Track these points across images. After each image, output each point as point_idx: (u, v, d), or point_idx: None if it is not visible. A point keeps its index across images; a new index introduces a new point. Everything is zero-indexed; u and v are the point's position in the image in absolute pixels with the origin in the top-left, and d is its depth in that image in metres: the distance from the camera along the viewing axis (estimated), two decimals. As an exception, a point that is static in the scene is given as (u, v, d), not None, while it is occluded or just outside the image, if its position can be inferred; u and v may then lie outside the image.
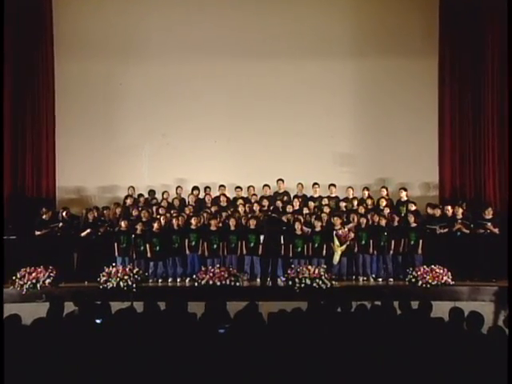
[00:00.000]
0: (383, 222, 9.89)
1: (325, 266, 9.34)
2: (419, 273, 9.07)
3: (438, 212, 10.13)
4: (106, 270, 9.17)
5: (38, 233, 9.88)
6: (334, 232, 9.80)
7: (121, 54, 11.95)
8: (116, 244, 9.89)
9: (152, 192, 11.38)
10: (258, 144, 11.92)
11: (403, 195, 10.87)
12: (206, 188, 11.38)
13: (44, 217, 10.06)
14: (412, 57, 11.84)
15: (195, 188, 11.31)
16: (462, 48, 11.47)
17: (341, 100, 12.08)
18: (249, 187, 11.32)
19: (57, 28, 11.78)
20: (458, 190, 11.42)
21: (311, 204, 10.76)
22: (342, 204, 10.75)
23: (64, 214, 10.19)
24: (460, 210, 9.90)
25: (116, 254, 9.88)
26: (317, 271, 9.03)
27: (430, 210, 10.36)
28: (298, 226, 9.84)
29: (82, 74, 11.89)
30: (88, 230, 9.96)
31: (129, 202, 10.98)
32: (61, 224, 9.97)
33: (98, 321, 5.27)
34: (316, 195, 11.13)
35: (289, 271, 9.18)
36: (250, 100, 12.03)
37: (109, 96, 12.08)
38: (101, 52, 11.87)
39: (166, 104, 12.09)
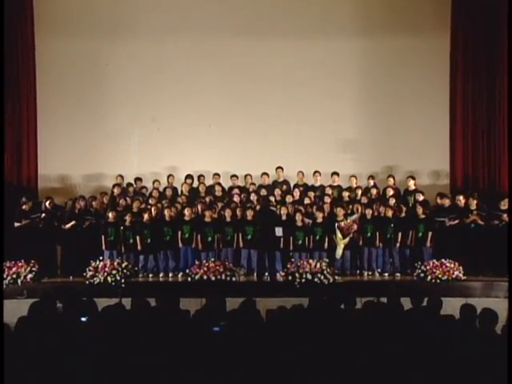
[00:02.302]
0: (390, 213, 9.86)
1: (327, 260, 9.34)
2: (428, 267, 9.07)
3: (446, 202, 10.11)
4: (93, 264, 9.15)
5: (17, 224, 9.83)
6: (337, 224, 9.77)
7: (108, 32, 11.84)
8: (103, 236, 9.88)
9: (139, 180, 11.30)
10: (255, 129, 11.89)
11: (411, 184, 10.86)
12: (200, 176, 11.35)
13: (24, 207, 10.01)
14: (421, 36, 11.76)
15: (188, 176, 11.29)
16: (476, 26, 11.38)
17: (345, 82, 12.03)
18: (246, 176, 11.34)
19: (37, 3, 11.64)
20: (470, 178, 11.41)
21: (312, 194, 10.75)
22: (345, 194, 10.73)
23: (47, 203, 10.14)
24: (474, 202, 9.87)
25: (103, 247, 9.87)
26: (318, 265, 9.02)
27: (439, 200, 10.36)
28: (298, 217, 9.84)
29: (66, 54, 11.80)
30: (73, 222, 9.91)
31: (116, 191, 10.92)
32: (43, 215, 9.91)
33: (83, 319, 5.24)
34: (317, 184, 11.14)
35: (288, 265, 9.16)
36: (248, 82, 11.98)
37: (95, 77, 11.99)
38: (86, 29, 11.76)
39: (157, 86, 12.02)
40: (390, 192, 10.64)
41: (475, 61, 11.41)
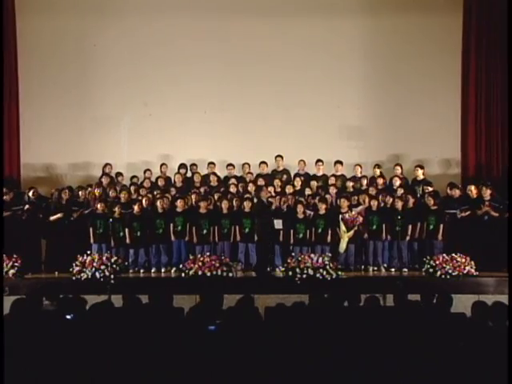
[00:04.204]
0: (399, 205, 9.85)
1: (330, 255, 9.34)
2: (438, 262, 9.04)
3: (457, 193, 10.10)
4: (80, 258, 9.12)
5: (-3, 216, 9.81)
6: (340, 216, 9.76)
7: (95, 10, 11.77)
8: (91, 229, 9.85)
9: (135, 178, 11.26)
10: (253, 115, 11.88)
11: (419, 174, 10.87)
12: (194, 165, 11.34)
13: (5, 198, 9.96)
14: (432, 15, 11.71)
15: (182, 166, 11.30)
16: (490, 3, 11.28)
17: (349, 64, 12.00)
18: (243, 165, 11.33)
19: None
20: (483, 167, 11.39)
21: (314, 184, 10.76)
22: (350, 184, 10.73)
23: (31, 194, 10.12)
24: (488, 191, 9.84)
25: (91, 240, 9.84)
26: (320, 260, 9.01)
27: (449, 191, 10.35)
28: (299, 208, 9.82)
29: (50, 33, 11.74)
30: (59, 215, 9.89)
31: (104, 181, 10.90)
32: (27, 206, 9.89)
33: (68, 316, 5.24)
34: (320, 173, 11.15)
35: (289, 260, 9.16)
36: (246, 64, 11.95)
37: (81, 59, 11.95)
38: (71, 7, 11.72)
39: (149, 69, 11.99)
40: (397, 182, 10.63)
41: (489, 40, 11.32)
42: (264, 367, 4.17)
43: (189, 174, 11.28)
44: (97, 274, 8.91)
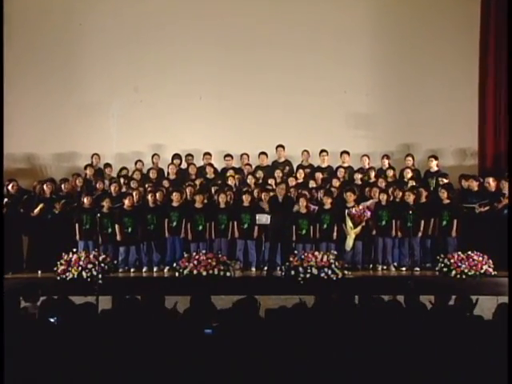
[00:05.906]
0: (411, 199, 9.82)
1: (335, 252, 9.34)
2: (452, 260, 9.05)
3: (474, 185, 10.06)
4: (65, 257, 9.13)
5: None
6: (347, 211, 9.75)
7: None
8: (77, 225, 9.86)
9: (125, 169, 11.23)
10: (253, 102, 11.90)
11: (433, 165, 10.88)
12: (189, 156, 11.33)
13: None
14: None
15: (176, 156, 11.31)
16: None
17: (356, 46, 11.99)
18: (242, 155, 11.34)
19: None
20: (502, 157, 11.32)
21: (319, 176, 10.75)
22: (357, 176, 10.72)
23: (10, 187, 10.10)
24: (506, 184, 9.81)
25: (77, 237, 9.86)
26: (325, 258, 9.02)
27: (464, 183, 10.32)
28: (302, 202, 9.80)
29: (33, 12, 11.74)
30: (41, 205, 9.88)
31: (89, 172, 10.93)
32: (6, 200, 9.86)
33: (52, 320, 5.21)
34: (324, 165, 11.16)
35: (291, 258, 9.14)
36: (245, 47, 11.96)
37: (66, 40, 11.95)
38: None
39: (140, 51, 12.02)
40: (409, 174, 10.63)
41: (510, 18, 11.23)
42: (263, 373, 4.16)
43: (183, 166, 11.29)
44: (83, 274, 8.90)
